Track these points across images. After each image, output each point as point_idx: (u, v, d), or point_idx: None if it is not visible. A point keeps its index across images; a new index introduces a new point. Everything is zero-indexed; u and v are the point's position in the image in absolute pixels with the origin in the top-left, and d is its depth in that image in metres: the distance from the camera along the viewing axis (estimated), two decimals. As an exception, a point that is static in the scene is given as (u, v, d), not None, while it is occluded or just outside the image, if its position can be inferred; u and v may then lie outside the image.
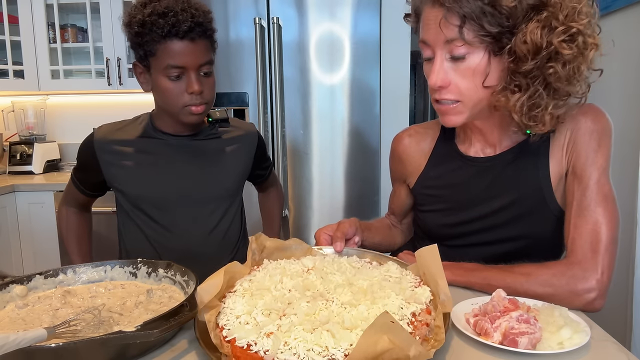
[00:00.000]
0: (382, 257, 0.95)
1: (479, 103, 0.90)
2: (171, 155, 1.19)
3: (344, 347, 0.62)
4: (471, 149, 1.03)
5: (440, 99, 0.90)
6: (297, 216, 2.20)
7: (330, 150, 2.16)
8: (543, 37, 0.80)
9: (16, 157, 2.67)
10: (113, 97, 2.90)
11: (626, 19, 1.51)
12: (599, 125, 0.90)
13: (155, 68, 1.09)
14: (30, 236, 2.37)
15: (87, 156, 1.20)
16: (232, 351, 0.65)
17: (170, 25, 1.03)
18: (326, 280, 0.80)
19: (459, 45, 0.84)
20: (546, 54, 0.81)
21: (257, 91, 2.05)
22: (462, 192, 1.02)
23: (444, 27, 0.84)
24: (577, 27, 0.80)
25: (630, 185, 1.25)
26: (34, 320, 0.77)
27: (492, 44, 0.83)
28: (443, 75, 0.87)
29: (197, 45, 1.07)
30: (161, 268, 0.91)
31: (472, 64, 0.85)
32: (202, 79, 1.10)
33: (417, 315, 0.71)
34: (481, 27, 0.81)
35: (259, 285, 0.79)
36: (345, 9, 2.07)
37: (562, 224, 0.94)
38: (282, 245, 0.95)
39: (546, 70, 0.82)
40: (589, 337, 0.70)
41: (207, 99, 1.12)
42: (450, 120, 0.92)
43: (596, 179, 0.88)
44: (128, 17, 1.09)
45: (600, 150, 0.89)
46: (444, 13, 0.83)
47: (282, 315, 0.70)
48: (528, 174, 0.95)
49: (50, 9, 2.56)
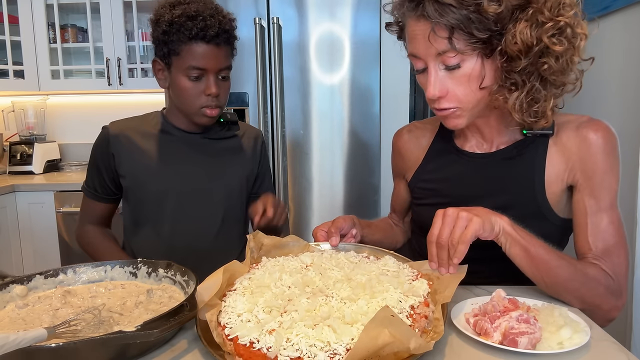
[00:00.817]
0: (379, 251, 0.95)
1: (477, 105, 0.90)
2: (184, 152, 1.22)
3: (345, 341, 0.63)
4: (467, 144, 1.04)
5: (439, 108, 0.91)
6: (297, 216, 2.20)
7: (330, 150, 2.16)
8: (532, 35, 0.80)
9: (16, 157, 2.67)
10: (113, 97, 2.91)
11: (626, 19, 1.51)
12: (610, 145, 0.90)
13: (177, 67, 1.13)
14: (30, 236, 2.37)
15: (102, 148, 1.21)
16: (235, 349, 0.65)
17: (199, 28, 1.08)
18: (325, 276, 0.81)
19: (451, 56, 0.84)
20: (537, 50, 0.81)
21: (257, 91, 2.05)
22: (457, 186, 1.03)
23: (434, 41, 0.84)
24: (564, 20, 0.80)
25: (630, 185, 1.25)
26: (34, 320, 0.77)
27: (483, 48, 0.83)
28: (440, 86, 0.87)
29: (220, 50, 1.12)
30: (161, 268, 0.91)
31: (467, 70, 0.85)
32: (220, 82, 1.15)
33: (415, 308, 0.72)
34: (470, 34, 0.81)
35: (259, 283, 0.79)
36: (345, 9, 2.07)
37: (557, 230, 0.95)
38: (280, 243, 0.95)
39: (540, 66, 0.83)
40: (589, 337, 0.70)
41: (222, 103, 1.17)
42: (452, 124, 0.93)
43: (610, 203, 0.89)
44: (156, 16, 1.13)
45: (612, 172, 0.90)
46: (432, 27, 0.83)
47: (283, 312, 0.70)
48: (522, 174, 0.95)
49: (51, 9, 2.56)
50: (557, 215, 0.94)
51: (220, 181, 1.24)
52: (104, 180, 1.23)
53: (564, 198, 0.95)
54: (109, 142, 1.20)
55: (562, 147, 0.93)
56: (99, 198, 1.25)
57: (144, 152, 1.20)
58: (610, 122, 0.94)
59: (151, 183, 1.19)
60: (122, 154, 1.19)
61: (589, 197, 0.90)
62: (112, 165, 1.20)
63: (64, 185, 2.34)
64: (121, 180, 1.21)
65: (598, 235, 0.88)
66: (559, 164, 0.93)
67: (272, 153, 2.13)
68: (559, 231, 0.96)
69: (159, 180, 1.20)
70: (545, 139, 0.94)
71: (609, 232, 0.88)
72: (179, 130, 1.23)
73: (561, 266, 0.83)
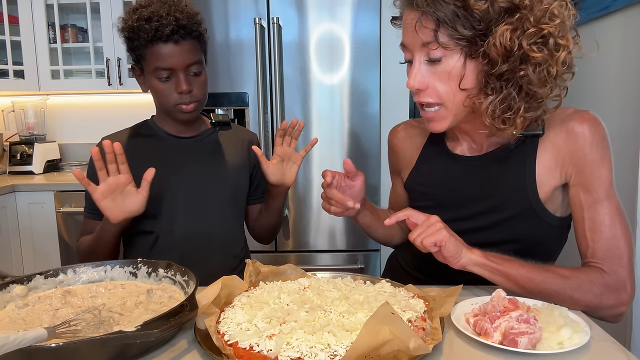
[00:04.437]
0: (375, 278, 0.96)
1: (459, 106, 0.89)
2: (175, 156, 1.22)
3: (345, 344, 0.63)
4: (458, 146, 1.04)
5: (421, 102, 0.91)
6: (297, 216, 2.20)
7: (330, 150, 2.16)
8: (513, 40, 0.80)
9: (16, 157, 2.67)
10: (113, 97, 2.90)
11: (626, 19, 1.51)
12: (598, 135, 0.89)
13: (147, 70, 1.14)
14: (30, 236, 2.37)
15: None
16: (234, 352, 0.65)
17: (154, 29, 1.08)
18: (323, 296, 0.82)
19: (434, 49, 0.85)
20: (517, 56, 0.81)
21: (257, 91, 2.05)
22: (449, 190, 1.03)
23: (419, 31, 0.85)
24: (548, 30, 0.80)
25: (630, 185, 1.25)
26: (34, 320, 0.77)
27: (466, 47, 0.83)
28: (420, 78, 0.88)
29: (182, 47, 1.11)
30: (161, 268, 0.91)
31: (448, 67, 0.86)
32: (191, 78, 1.14)
33: (413, 321, 0.73)
34: (455, 30, 0.82)
35: (258, 299, 0.80)
36: (345, 9, 2.07)
37: (553, 230, 0.95)
38: (277, 270, 0.96)
39: (518, 72, 0.82)
40: (589, 337, 0.70)
41: (197, 97, 1.16)
42: (435, 127, 0.94)
43: (605, 193, 0.88)
44: (121, 23, 1.14)
45: (603, 163, 0.88)
46: (419, 16, 0.84)
47: (282, 323, 0.70)
48: (513, 175, 0.95)
49: (51, 9, 2.56)
50: (552, 214, 0.94)
51: (211, 184, 1.23)
52: None
53: (559, 196, 0.94)
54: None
55: (550, 143, 0.93)
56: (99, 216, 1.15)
57: (136, 161, 1.18)
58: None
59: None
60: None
61: (583, 191, 0.89)
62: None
63: (64, 185, 2.34)
64: None
65: (595, 229, 0.88)
66: (549, 161, 0.93)
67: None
68: (557, 230, 0.96)
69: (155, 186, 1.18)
70: (535, 138, 0.94)
71: (606, 224, 0.87)
72: (170, 136, 1.23)
73: (546, 280, 0.84)
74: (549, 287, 0.83)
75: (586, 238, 0.89)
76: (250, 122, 2.15)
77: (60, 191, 2.31)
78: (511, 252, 0.89)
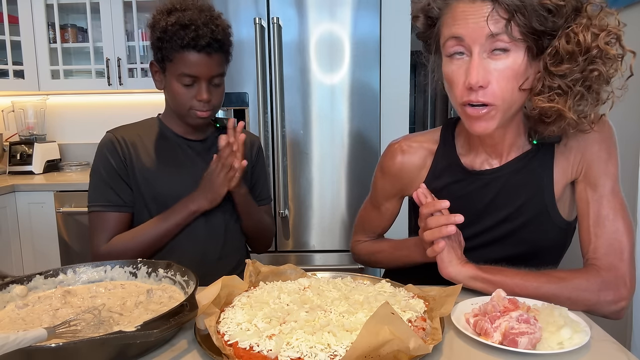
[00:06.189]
0: (375, 278, 0.95)
1: (511, 107, 0.86)
2: (182, 156, 1.23)
3: (345, 344, 0.63)
4: (476, 160, 1.00)
5: (474, 102, 0.85)
6: (297, 216, 2.20)
7: (330, 150, 2.16)
8: (588, 39, 0.79)
9: (16, 157, 2.67)
10: (113, 97, 2.90)
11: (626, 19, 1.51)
12: (605, 133, 0.91)
13: (170, 72, 1.14)
14: (30, 236, 2.37)
15: (112, 153, 1.17)
16: (234, 352, 0.66)
17: (190, 38, 1.09)
18: (323, 296, 0.82)
19: (502, 41, 0.81)
20: (590, 55, 0.80)
21: (257, 91, 2.05)
22: (465, 206, 0.97)
23: (491, 21, 0.80)
24: (617, 32, 0.81)
25: (630, 185, 1.25)
26: (34, 320, 0.77)
27: (533, 42, 0.81)
28: (484, 73, 0.82)
29: (212, 59, 1.13)
30: (161, 268, 0.91)
31: (512, 63, 0.82)
32: (212, 88, 1.16)
33: (413, 321, 0.73)
34: (526, 24, 0.79)
35: (258, 300, 0.81)
36: (345, 9, 2.07)
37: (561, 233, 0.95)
38: (277, 270, 0.96)
39: (589, 72, 0.81)
40: (589, 337, 0.70)
41: (213, 106, 1.18)
42: (481, 127, 0.87)
43: (611, 189, 0.89)
44: (153, 21, 1.14)
45: (610, 160, 0.90)
46: (493, 6, 0.80)
47: (282, 323, 0.71)
48: (532, 182, 0.95)
49: (50, 9, 2.56)
50: (562, 217, 0.95)
51: None
52: (123, 184, 1.17)
53: (568, 194, 0.95)
54: (117, 146, 1.18)
55: (563, 147, 0.94)
56: (118, 207, 1.17)
57: (145, 157, 1.20)
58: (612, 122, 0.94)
59: (154, 188, 1.19)
60: (127, 158, 1.18)
61: (589, 186, 0.90)
62: (124, 168, 1.17)
63: (64, 185, 2.34)
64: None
65: (599, 223, 0.88)
66: (564, 164, 0.94)
67: (272, 153, 2.13)
68: (564, 234, 0.97)
69: (161, 185, 1.19)
70: (551, 145, 0.94)
71: (610, 218, 0.88)
72: (177, 136, 1.24)
73: (542, 285, 0.85)
74: (545, 292, 0.84)
75: (589, 233, 0.89)
76: (250, 122, 2.15)
77: (60, 191, 2.31)
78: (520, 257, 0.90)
